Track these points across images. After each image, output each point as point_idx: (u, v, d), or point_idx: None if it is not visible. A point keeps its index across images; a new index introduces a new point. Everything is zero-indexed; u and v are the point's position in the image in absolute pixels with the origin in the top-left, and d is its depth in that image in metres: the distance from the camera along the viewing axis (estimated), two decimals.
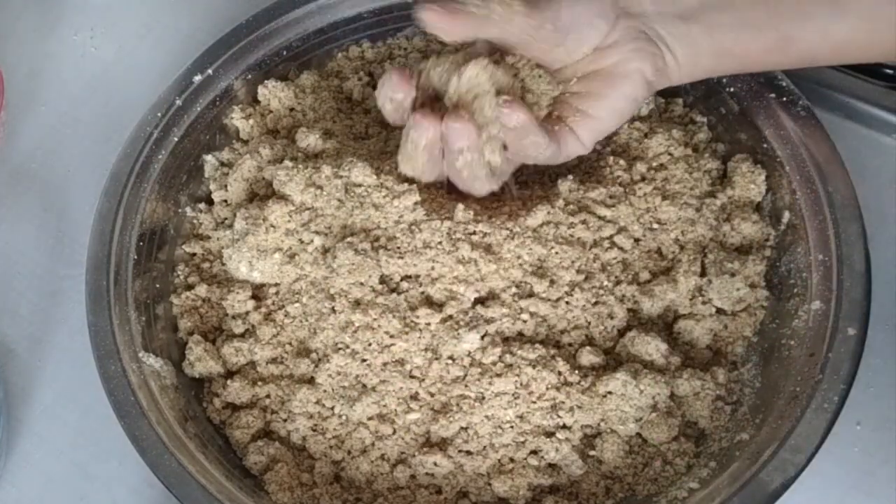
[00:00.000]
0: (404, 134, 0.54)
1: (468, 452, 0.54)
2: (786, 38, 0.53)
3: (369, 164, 0.58)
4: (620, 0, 0.53)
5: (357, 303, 0.56)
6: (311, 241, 0.58)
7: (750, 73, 0.60)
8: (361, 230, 0.57)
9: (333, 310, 0.56)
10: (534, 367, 0.54)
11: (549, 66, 0.54)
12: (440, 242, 0.56)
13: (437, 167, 0.54)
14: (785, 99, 0.59)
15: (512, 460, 0.54)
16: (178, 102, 0.63)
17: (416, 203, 0.57)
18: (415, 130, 0.53)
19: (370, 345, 0.56)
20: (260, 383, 0.57)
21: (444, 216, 0.57)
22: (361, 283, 0.56)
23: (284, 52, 0.67)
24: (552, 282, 0.56)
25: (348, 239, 0.57)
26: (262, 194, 0.61)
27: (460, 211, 0.57)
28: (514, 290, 0.56)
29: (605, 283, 0.57)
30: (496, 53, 0.54)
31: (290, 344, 0.58)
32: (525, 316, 0.56)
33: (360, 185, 0.57)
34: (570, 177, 0.59)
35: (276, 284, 0.59)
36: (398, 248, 0.57)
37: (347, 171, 0.57)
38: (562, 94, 0.55)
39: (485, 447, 0.54)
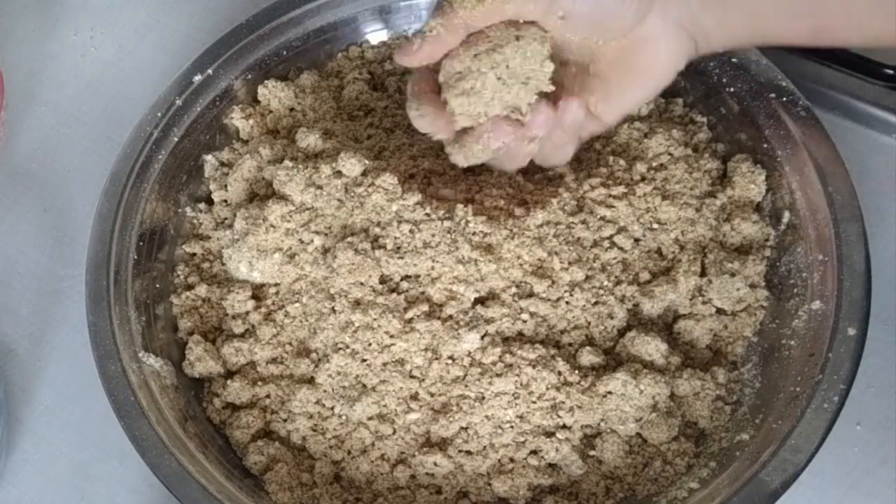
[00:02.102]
0: (475, 136, 0.53)
1: (468, 452, 0.54)
2: (822, 27, 0.53)
3: (362, 156, 0.58)
4: None
5: (357, 303, 0.56)
6: (311, 241, 0.58)
7: (750, 74, 0.60)
8: (361, 230, 0.57)
9: (333, 310, 0.56)
10: (534, 367, 0.54)
11: (578, 57, 0.54)
12: (440, 242, 0.56)
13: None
14: (785, 99, 0.59)
15: (512, 460, 0.54)
16: (178, 102, 0.63)
17: (416, 203, 0.57)
18: (493, 133, 0.53)
19: (370, 345, 0.56)
20: (260, 383, 0.57)
21: (444, 216, 0.57)
22: (361, 283, 0.56)
23: (284, 52, 0.67)
24: (552, 282, 0.56)
25: (348, 239, 0.57)
26: (262, 194, 0.61)
27: (460, 211, 0.57)
28: (514, 290, 0.56)
29: (605, 283, 0.57)
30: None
31: (290, 344, 0.58)
32: (525, 316, 0.56)
33: (359, 185, 0.57)
34: (571, 176, 0.59)
35: (276, 284, 0.59)
36: (398, 248, 0.57)
37: (338, 163, 0.58)
38: (589, 76, 0.54)
39: (485, 447, 0.54)
